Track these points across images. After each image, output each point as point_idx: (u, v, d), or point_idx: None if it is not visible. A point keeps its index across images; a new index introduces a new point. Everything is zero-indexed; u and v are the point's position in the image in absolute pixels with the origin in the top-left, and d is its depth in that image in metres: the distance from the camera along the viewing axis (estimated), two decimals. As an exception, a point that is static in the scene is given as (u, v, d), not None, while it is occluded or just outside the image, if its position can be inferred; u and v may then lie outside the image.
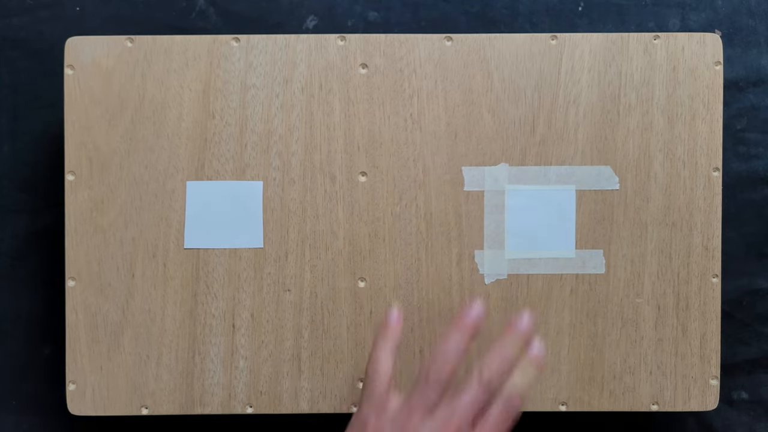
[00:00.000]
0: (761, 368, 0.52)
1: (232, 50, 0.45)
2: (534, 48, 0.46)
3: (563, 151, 0.46)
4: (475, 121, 0.46)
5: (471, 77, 0.46)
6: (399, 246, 0.46)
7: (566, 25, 0.51)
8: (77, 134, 0.45)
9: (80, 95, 0.45)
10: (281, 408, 0.46)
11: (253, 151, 0.45)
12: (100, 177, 0.45)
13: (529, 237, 0.46)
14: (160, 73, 0.45)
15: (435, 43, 0.46)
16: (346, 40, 0.46)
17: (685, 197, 0.46)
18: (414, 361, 0.46)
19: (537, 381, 0.42)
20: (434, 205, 0.46)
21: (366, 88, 0.46)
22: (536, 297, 0.46)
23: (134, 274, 0.45)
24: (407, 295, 0.46)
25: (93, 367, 0.45)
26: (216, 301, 0.46)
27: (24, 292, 0.50)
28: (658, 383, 0.46)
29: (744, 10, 0.51)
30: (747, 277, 0.51)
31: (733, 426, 0.52)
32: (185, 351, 0.46)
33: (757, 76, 0.51)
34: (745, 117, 0.51)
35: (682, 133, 0.46)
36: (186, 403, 0.46)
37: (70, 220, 0.45)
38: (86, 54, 0.45)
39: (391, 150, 0.46)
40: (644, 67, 0.46)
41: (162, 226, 0.45)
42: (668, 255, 0.46)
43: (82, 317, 0.45)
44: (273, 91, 0.45)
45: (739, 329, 0.51)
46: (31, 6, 0.50)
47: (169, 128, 0.45)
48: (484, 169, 0.46)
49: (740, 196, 0.51)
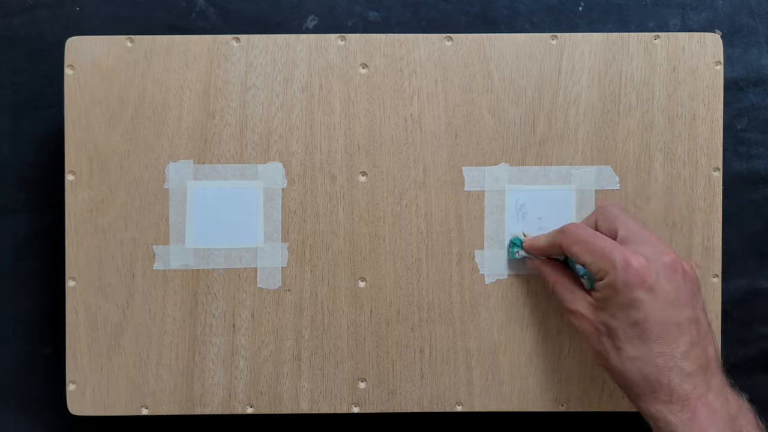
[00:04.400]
0: (761, 368, 0.52)
1: (232, 50, 0.45)
2: (534, 48, 0.46)
3: (563, 151, 0.46)
4: (475, 121, 0.46)
5: (471, 77, 0.46)
6: (399, 246, 0.46)
7: (566, 25, 0.51)
8: (77, 134, 0.45)
9: (80, 95, 0.45)
10: (281, 408, 0.46)
11: (253, 151, 0.45)
12: (100, 177, 0.45)
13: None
14: (160, 73, 0.45)
15: (435, 43, 0.46)
16: (346, 40, 0.46)
17: (686, 197, 0.46)
18: (414, 361, 0.46)
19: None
20: (434, 205, 0.46)
21: (366, 88, 0.46)
22: (536, 297, 0.46)
23: (134, 274, 0.45)
24: (407, 295, 0.46)
25: (93, 367, 0.45)
26: (216, 301, 0.46)
27: (24, 292, 0.50)
28: (659, 383, 0.46)
29: (744, 10, 0.51)
30: (747, 277, 0.51)
31: (733, 426, 0.52)
32: (185, 351, 0.46)
33: (757, 76, 0.51)
34: (746, 117, 0.51)
35: (683, 133, 0.46)
36: (186, 403, 0.46)
37: (70, 220, 0.45)
38: (86, 54, 0.45)
39: (392, 150, 0.46)
40: (644, 67, 0.46)
41: (162, 226, 0.45)
42: (668, 255, 0.46)
43: (82, 317, 0.45)
44: (273, 91, 0.45)
45: (739, 329, 0.51)
46: (31, 6, 0.50)
47: (169, 128, 0.45)
48: (484, 169, 0.46)
49: (740, 196, 0.51)
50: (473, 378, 0.46)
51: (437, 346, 0.46)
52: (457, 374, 0.46)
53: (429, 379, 0.46)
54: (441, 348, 0.46)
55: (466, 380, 0.46)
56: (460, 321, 0.46)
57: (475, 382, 0.46)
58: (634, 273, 0.37)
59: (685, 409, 0.36)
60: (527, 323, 0.46)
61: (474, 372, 0.46)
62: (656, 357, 0.37)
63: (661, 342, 0.37)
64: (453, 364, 0.46)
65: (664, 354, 0.37)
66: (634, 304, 0.37)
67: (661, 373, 0.37)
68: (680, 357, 0.37)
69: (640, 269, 0.37)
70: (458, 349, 0.46)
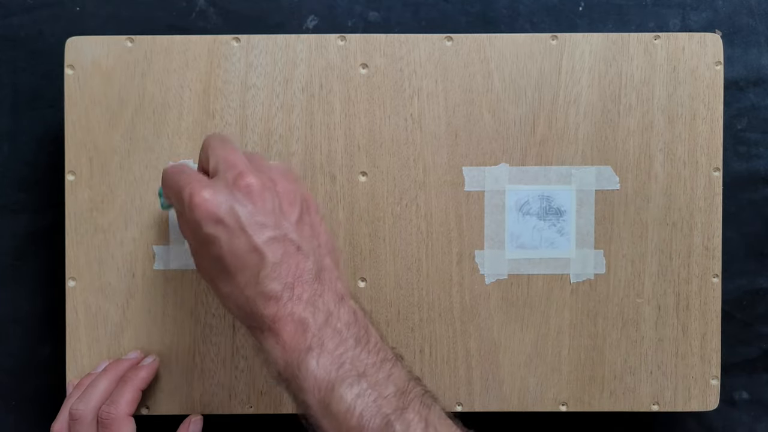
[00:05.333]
0: (761, 368, 0.52)
1: (232, 50, 0.45)
2: (534, 48, 0.46)
3: (563, 151, 0.46)
4: (476, 121, 0.46)
5: (471, 77, 0.46)
6: (399, 246, 0.46)
7: (566, 25, 0.51)
8: (77, 134, 0.45)
9: (80, 95, 0.45)
10: (282, 408, 0.46)
11: (253, 151, 0.45)
12: (100, 177, 0.45)
13: (529, 237, 0.46)
14: (160, 73, 0.45)
15: (435, 43, 0.46)
16: (346, 40, 0.46)
17: (686, 197, 0.46)
18: (414, 361, 0.46)
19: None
20: (434, 205, 0.46)
21: (366, 88, 0.46)
22: (536, 297, 0.46)
23: (134, 274, 0.45)
24: (407, 295, 0.46)
25: (93, 367, 0.45)
26: (216, 301, 0.46)
27: (24, 292, 0.50)
28: (659, 383, 0.46)
29: (744, 10, 0.51)
30: (747, 277, 0.51)
31: (733, 426, 0.52)
32: (185, 351, 0.46)
33: (758, 76, 0.51)
34: (746, 117, 0.51)
35: (683, 133, 0.46)
36: (186, 403, 0.46)
37: (70, 220, 0.45)
38: (86, 54, 0.45)
39: (392, 150, 0.46)
40: (644, 67, 0.46)
41: (162, 226, 0.45)
42: (668, 255, 0.46)
43: (82, 317, 0.45)
44: (273, 91, 0.45)
45: (739, 329, 0.51)
46: (31, 6, 0.50)
47: (169, 128, 0.45)
48: (484, 169, 0.46)
49: (740, 196, 0.51)
50: (473, 378, 0.46)
51: (437, 346, 0.46)
52: (457, 374, 0.46)
53: (429, 379, 0.46)
54: (441, 348, 0.46)
55: (466, 380, 0.46)
56: (460, 321, 0.46)
57: (475, 382, 0.46)
58: (199, 209, 0.35)
59: (272, 332, 0.35)
60: (527, 323, 0.46)
61: (474, 372, 0.46)
62: (243, 288, 0.35)
63: (243, 272, 0.35)
64: (453, 364, 0.46)
65: (249, 283, 0.35)
66: (209, 240, 0.35)
67: (249, 303, 0.35)
68: (264, 281, 0.35)
69: (203, 204, 0.35)
70: (458, 349, 0.46)
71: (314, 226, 0.38)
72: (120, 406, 0.41)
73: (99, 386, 0.42)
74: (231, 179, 0.36)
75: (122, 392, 0.42)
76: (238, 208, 0.35)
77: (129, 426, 0.42)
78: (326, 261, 0.37)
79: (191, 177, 0.37)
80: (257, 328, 0.36)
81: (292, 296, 0.35)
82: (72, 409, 0.41)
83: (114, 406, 0.41)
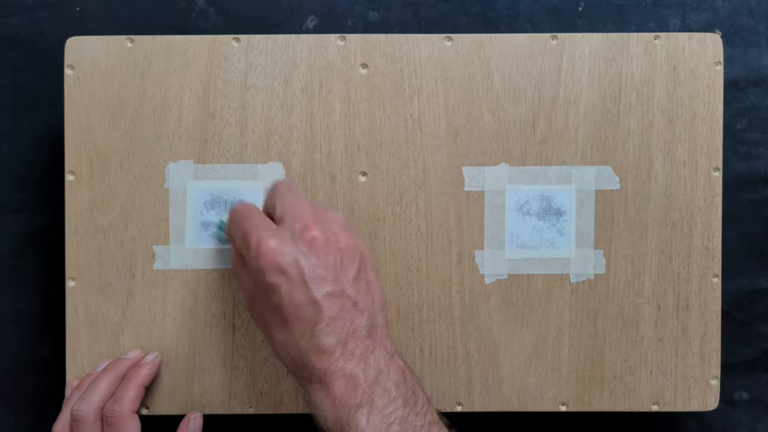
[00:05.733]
0: (761, 368, 0.52)
1: (232, 50, 0.45)
2: (534, 48, 0.46)
3: (563, 151, 0.46)
4: (475, 121, 0.46)
5: (471, 77, 0.46)
6: (399, 246, 0.46)
7: (566, 25, 0.51)
8: (77, 134, 0.45)
9: (80, 95, 0.45)
10: (281, 408, 0.46)
11: (253, 151, 0.45)
12: (100, 177, 0.45)
13: (529, 237, 0.46)
14: (160, 73, 0.45)
15: (435, 43, 0.46)
16: (346, 40, 0.46)
17: (686, 197, 0.46)
18: (414, 361, 0.46)
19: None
20: (434, 205, 0.46)
21: (366, 88, 0.46)
22: (536, 297, 0.46)
23: (134, 274, 0.45)
24: (407, 295, 0.46)
25: (93, 367, 0.45)
26: (216, 301, 0.46)
27: (24, 292, 0.50)
28: (659, 383, 0.46)
29: (744, 10, 0.51)
30: (747, 277, 0.51)
31: (733, 426, 0.52)
32: (185, 351, 0.46)
33: (758, 76, 0.51)
34: (746, 117, 0.51)
35: (683, 133, 0.46)
36: (186, 403, 0.46)
37: (70, 220, 0.45)
38: (86, 54, 0.45)
39: (391, 150, 0.46)
40: (644, 67, 0.46)
41: (162, 226, 0.45)
42: (668, 255, 0.46)
43: (82, 317, 0.45)
44: (273, 91, 0.45)
45: (739, 329, 0.51)
46: (31, 6, 0.50)
47: (169, 128, 0.45)
48: (484, 169, 0.46)
49: (740, 196, 0.51)
50: (473, 378, 0.46)
51: (437, 346, 0.46)
52: (457, 374, 0.46)
53: (429, 379, 0.46)
54: (441, 348, 0.46)
55: (466, 380, 0.46)
56: (460, 321, 0.46)
57: (475, 382, 0.46)
58: (265, 257, 0.36)
59: (323, 385, 0.36)
60: (527, 323, 0.46)
61: (474, 372, 0.46)
62: (298, 339, 0.36)
63: (300, 323, 0.36)
64: (453, 364, 0.46)
65: (304, 334, 0.36)
66: (270, 289, 0.36)
67: (302, 355, 0.36)
68: (318, 335, 0.36)
69: (268, 253, 0.36)
70: (458, 349, 0.46)
71: (370, 283, 0.39)
72: (124, 404, 0.42)
73: (100, 386, 0.42)
74: (297, 231, 0.37)
75: (126, 389, 0.42)
76: (302, 260, 0.36)
77: (134, 423, 0.42)
78: (379, 318, 0.38)
79: (259, 224, 0.38)
80: (307, 380, 0.37)
81: (344, 351, 0.36)
82: (74, 410, 0.41)
83: (118, 404, 0.41)
